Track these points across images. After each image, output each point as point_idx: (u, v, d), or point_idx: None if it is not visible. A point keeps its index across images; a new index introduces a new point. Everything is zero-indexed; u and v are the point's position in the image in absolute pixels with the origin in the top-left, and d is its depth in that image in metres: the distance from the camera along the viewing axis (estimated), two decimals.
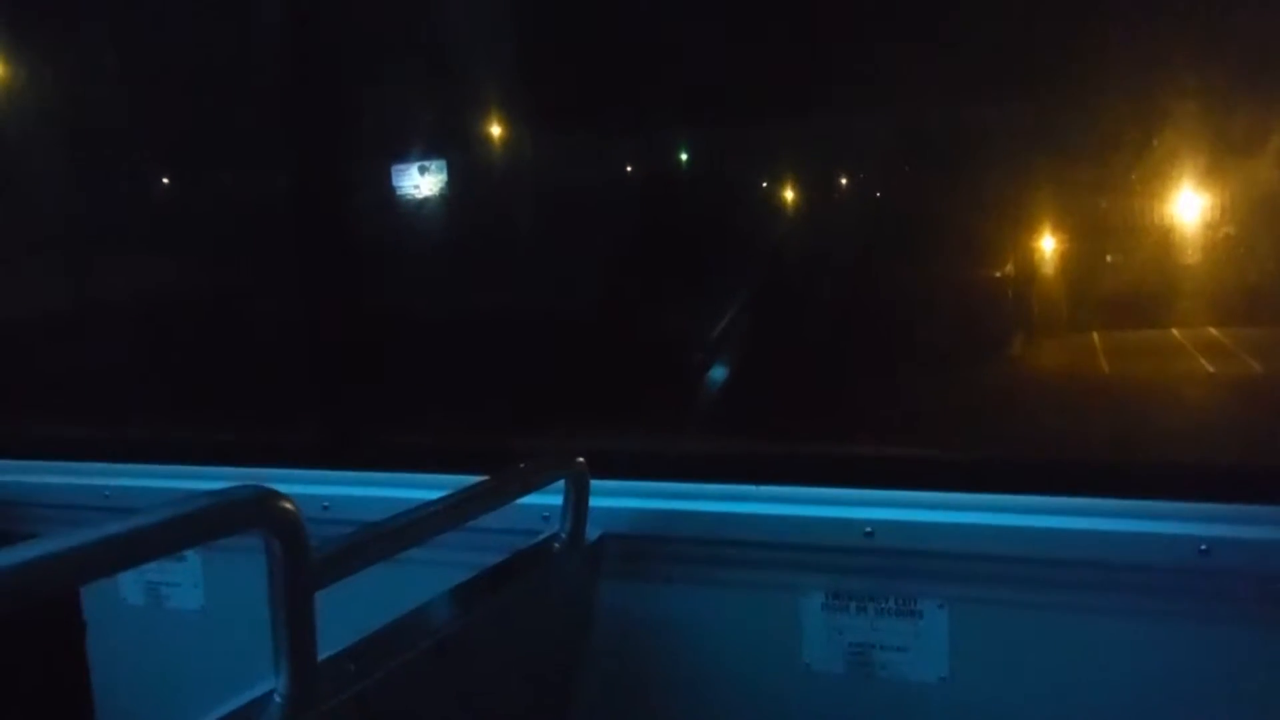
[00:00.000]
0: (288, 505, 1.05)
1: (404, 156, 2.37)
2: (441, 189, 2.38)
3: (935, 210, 1.98)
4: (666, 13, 2.12)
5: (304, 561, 1.08)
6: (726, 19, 2.05)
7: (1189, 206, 1.80)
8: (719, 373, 2.19)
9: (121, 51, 2.64)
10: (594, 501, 1.75)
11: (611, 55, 2.22)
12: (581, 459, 1.70)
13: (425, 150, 2.39)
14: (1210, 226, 1.79)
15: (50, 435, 2.55)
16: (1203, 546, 1.51)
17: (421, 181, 2.37)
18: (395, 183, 2.38)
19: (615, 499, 1.83)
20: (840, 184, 2.22)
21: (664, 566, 1.84)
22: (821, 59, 2.01)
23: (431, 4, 2.41)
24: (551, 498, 1.73)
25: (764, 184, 2.24)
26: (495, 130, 2.42)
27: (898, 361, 2.01)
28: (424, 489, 1.83)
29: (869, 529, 1.70)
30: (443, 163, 2.37)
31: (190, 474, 2.26)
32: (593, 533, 1.79)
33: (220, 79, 2.49)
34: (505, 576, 1.61)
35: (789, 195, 2.22)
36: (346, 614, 1.19)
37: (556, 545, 1.72)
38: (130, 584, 2.30)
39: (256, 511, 1.03)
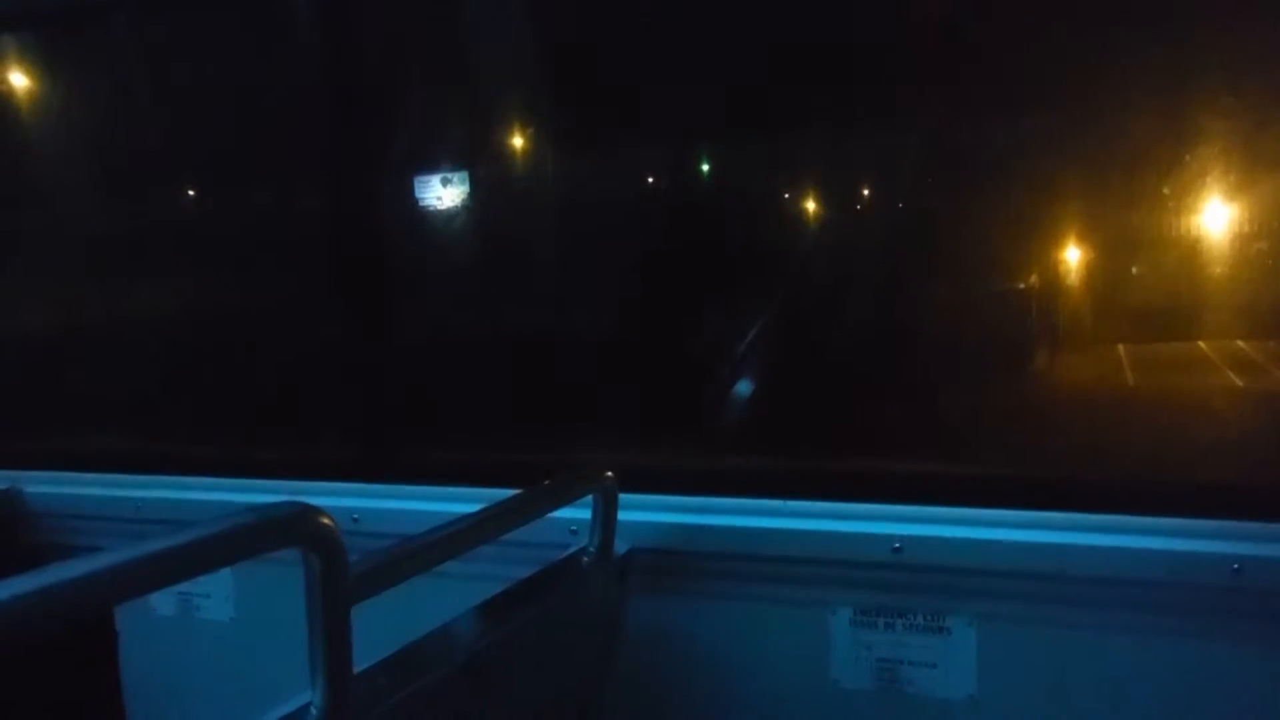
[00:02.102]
0: (326, 522, 1.06)
1: (427, 169, 2.39)
2: (464, 201, 2.40)
3: (960, 223, 1.98)
4: (689, 26, 2.13)
5: (342, 578, 1.09)
6: (750, 32, 2.06)
7: (1215, 219, 1.79)
8: (745, 387, 2.19)
9: (152, 71, 2.68)
10: (622, 515, 1.76)
11: (634, 68, 2.24)
12: (610, 473, 1.71)
13: (448, 162, 2.41)
14: (1238, 239, 1.78)
15: (84, 448, 2.58)
16: (1235, 565, 1.50)
17: (444, 193, 2.39)
18: (418, 194, 2.40)
19: (643, 513, 1.84)
20: (865, 197, 2.22)
21: (692, 581, 1.85)
22: (846, 71, 2.02)
23: (456, 19, 2.43)
24: (580, 512, 1.74)
25: (787, 196, 2.25)
26: (517, 142, 2.44)
27: (922, 375, 2.00)
28: (453, 502, 1.85)
29: (897, 545, 1.70)
30: (465, 174, 2.39)
31: (222, 486, 2.28)
32: (621, 546, 1.80)
33: (247, 95, 2.52)
34: (535, 590, 1.61)
35: (813, 208, 2.22)
36: (377, 625, 1.20)
37: (585, 559, 1.73)
38: (162, 595, 2.33)
39: (296, 528, 1.04)
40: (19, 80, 2.77)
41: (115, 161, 2.75)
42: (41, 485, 2.48)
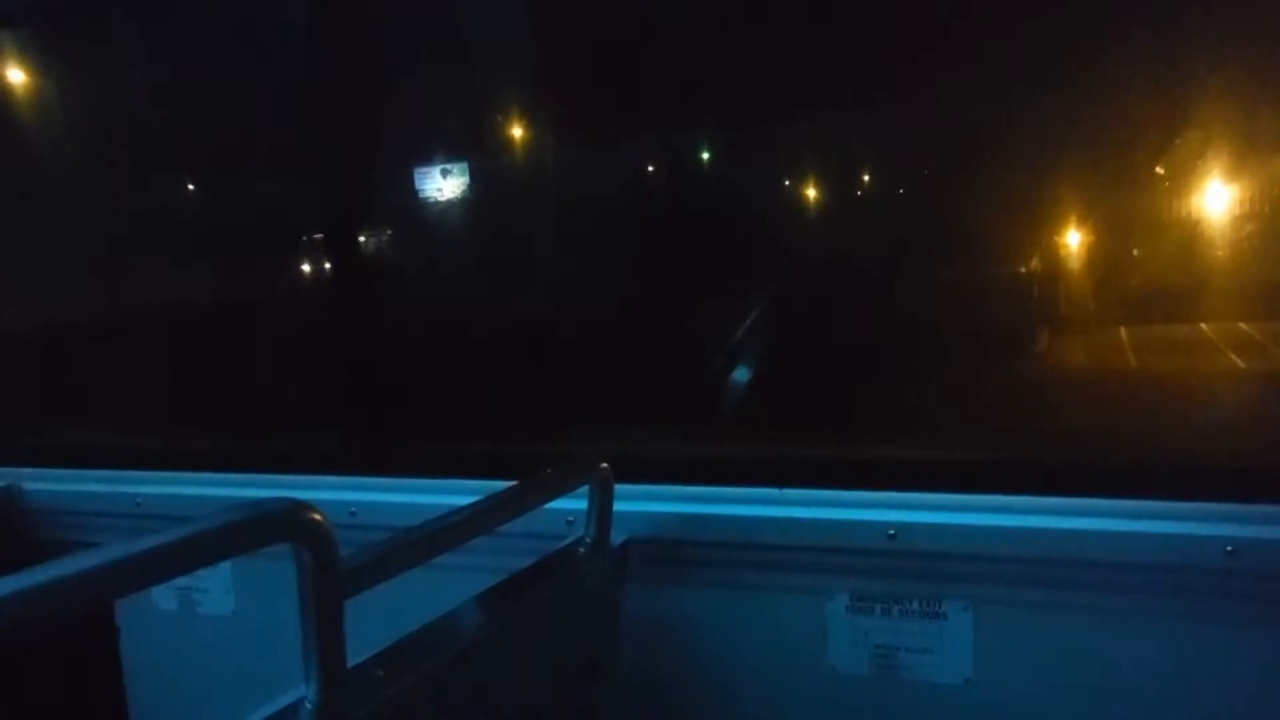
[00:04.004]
0: (317, 517, 1.07)
1: (426, 160, 2.39)
2: (464, 192, 2.40)
3: (958, 208, 1.98)
4: (686, 13, 2.12)
5: (334, 572, 1.10)
6: (747, 18, 2.05)
7: (1216, 200, 1.78)
8: (741, 375, 2.19)
9: (148, 62, 2.68)
10: (618, 506, 1.76)
11: (632, 56, 2.23)
12: (605, 464, 1.71)
13: (447, 153, 2.41)
14: (1239, 220, 1.77)
15: (83, 444, 2.59)
16: (1229, 548, 1.50)
17: (444, 185, 2.39)
18: (418, 185, 2.40)
19: (639, 503, 1.85)
20: (863, 183, 2.21)
21: (688, 570, 1.85)
22: (844, 56, 2.01)
23: (454, 9, 2.43)
24: (576, 502, 1.74)
25: (786, 184, 2.24)
26: (516, 132, 2.43)
27: (921, 362, 2.00)
28: (450, 494, 1.86)
29: (892, 531, 1.70)
30: (464, 165, 2.39)
31: (221, 481, 2.29)
32: (617, 537, 1.80)
33: (245, 88, 2.52)
34: (531, 581, 1.62)
35: (811, 195, 2.22)
36: (374, 616, 1.20)
37: (581, 550, 1.74)
38: (162, 590, 2.33)
39: (287, 524, 1.05)
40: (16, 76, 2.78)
41: (105, 155, 2.75)
42: (41, 482, 2.49)
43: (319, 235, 2.43)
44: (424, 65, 2.43)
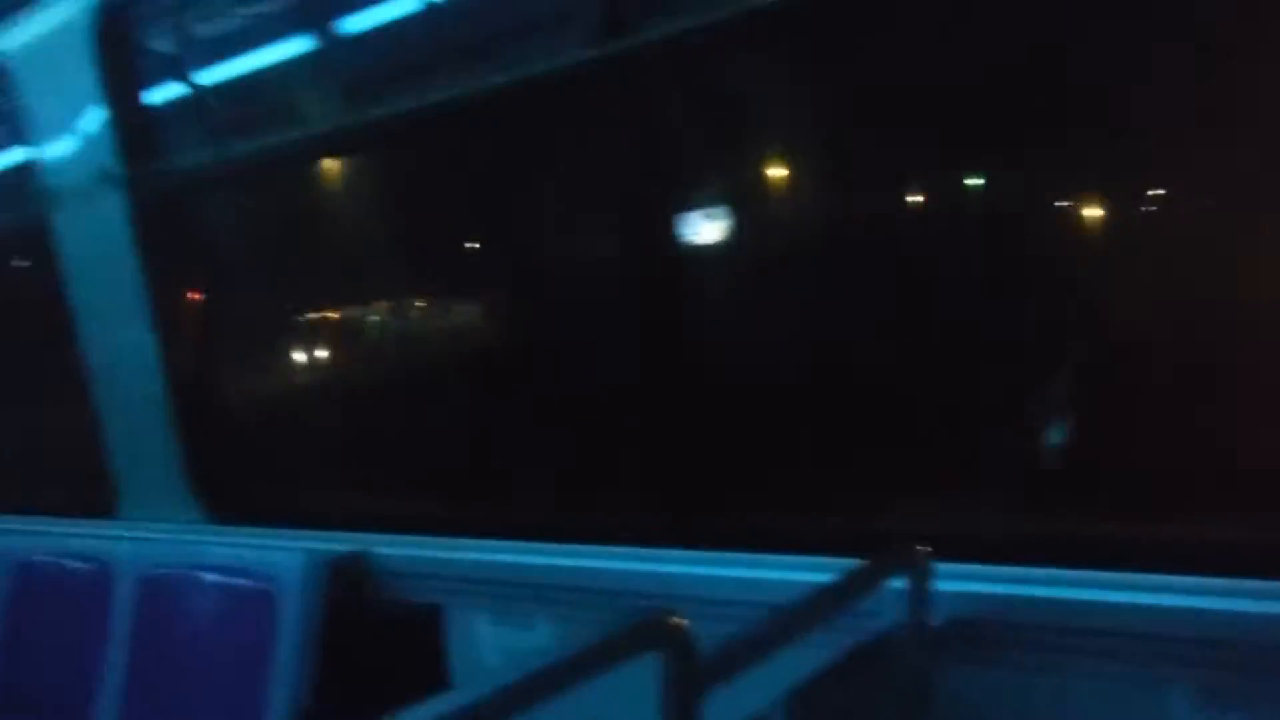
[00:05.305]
0: (679, 623, 1.13)
1: (689, 206, 2.40)
2: (727, 237, 2.41)
3: None
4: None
5: (692, 672, 1.15)
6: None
7: None
8: (1057, 438, 2.08)
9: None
10: (937, 585, 1.73)
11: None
12: (924, 548, 1.69)
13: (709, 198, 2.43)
14: None
15: (423, 511, 2.74)
16: None
17: (703, 229, 2.42)
18: (690, 231, 2.40)
19: (958, 583, 1.80)
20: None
21: (1011, 654, 1.78)
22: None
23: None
24: (895, 581, 1.73)
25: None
26: (778, 172, 2.41)
27: None
28: (767, 569, 1.88)
29: (1245, 620, 1.57)
30: (725, 209, 2.42)
31: (552, 551, 2.21)
32: (936, 618, 1.77)
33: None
34: (850, 664, 1.62)
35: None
36: None
37: (901, 633, 1.72)
38: None
39: (654, 634, 1.12)
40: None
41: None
42: (405, 548, 2.58)
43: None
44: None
